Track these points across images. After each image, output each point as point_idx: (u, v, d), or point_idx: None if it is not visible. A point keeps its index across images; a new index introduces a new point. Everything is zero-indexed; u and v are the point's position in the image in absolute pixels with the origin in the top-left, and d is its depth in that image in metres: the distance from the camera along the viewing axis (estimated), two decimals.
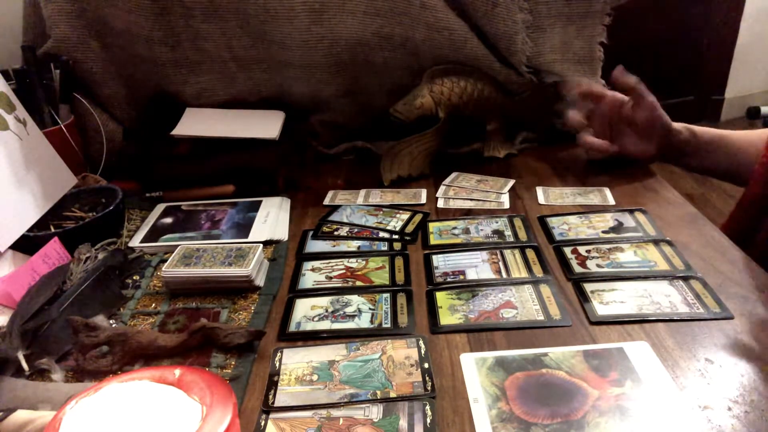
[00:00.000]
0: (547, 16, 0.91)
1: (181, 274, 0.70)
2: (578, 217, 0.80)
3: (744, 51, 2.94)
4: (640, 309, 0.61)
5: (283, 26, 0.92)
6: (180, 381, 0.44)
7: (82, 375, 0.59)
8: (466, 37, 0.92)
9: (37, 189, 0.81)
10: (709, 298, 0.62)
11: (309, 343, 0.61)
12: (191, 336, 0.60)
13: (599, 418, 0.49)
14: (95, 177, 0.94)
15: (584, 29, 0.92)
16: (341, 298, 0.67)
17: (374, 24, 0.91)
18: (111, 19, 0.93)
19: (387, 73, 0.99)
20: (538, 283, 0.67)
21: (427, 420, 0.50)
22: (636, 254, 0.71)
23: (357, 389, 0.54)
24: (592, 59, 0.94)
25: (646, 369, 0.54)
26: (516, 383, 0.53)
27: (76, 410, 0.41)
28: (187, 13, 0.92)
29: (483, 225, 0.80)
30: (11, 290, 0.67)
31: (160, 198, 0.94)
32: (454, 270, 0.71)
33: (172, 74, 0.99)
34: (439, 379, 0.55)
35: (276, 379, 0.56)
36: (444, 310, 0.64)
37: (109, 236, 0.81)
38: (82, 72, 0.97)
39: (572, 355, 0.56)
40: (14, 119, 0.82)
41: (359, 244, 0.78)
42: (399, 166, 0.95)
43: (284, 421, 0.51)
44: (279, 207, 0.89)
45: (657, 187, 0.87)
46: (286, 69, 0.98)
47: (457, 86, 0.94)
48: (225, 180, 0.94)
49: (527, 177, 0.94)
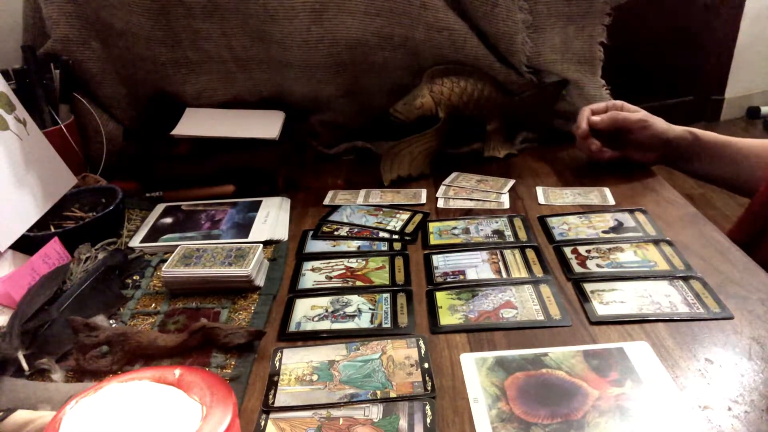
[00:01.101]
0: (547, 16, 0.91)
1: (181, 274, 0.70)
2: (578, 217, 0.80)
3: (744, 51, 2.94)
4: (640, 309, 0.61)
5: (283, 26, 0.92)
6: (180, 381, 0.43)
7: (82, 375, 0.59)
8: (466, 37, 0.92)
9: (37, 189, 0.81)
10: (709, 298, 0.62)
11: (309, 343, 0.61)
12: (191, 336, 0.60)
13: (599, 418, 0.49)
14: (95, 177, 0.94)
15: (584, 29, 0.92)
16: (341, 298, 0.67)
17: (374, 24, 0.91)
18: (111, 19, 0.93)
19: (387, 73, 0.99)
20: (538, 283, 0.67)
21: (427, 420, 0.50)
22: (636, 254, 0.71)
23: (357, 389, 0.54)
24: (592, 59, 0.95)
25: (646, 369, 0.54)
26: (516, 383, 0.53)
27: (76, 410, 0.41)
28: (187, 13, 0.92)
29: (483, 225, 0.80)
30: (11, 290, 0.67)
31: (160, 198, 0.94)
32: (454, 270, 0.71)
33: (172, 74, 0.99)
34: (439, 379, 0.55)
35: (276, 379, 0.56)
36: (444, 310, 0.64)
37: (109, 236, 0.81)
38: (82, 72, 0.97)
39: (572, 355, 0.56)
40: (14, 119, 0.82)
41: (359, 244, 0.78)
42: (399, 166, 0.95)
43: (284, 421, 0.51)
44: (279, 207, 0.89)
45: (657, 187, 0.87)
46: (286, 69, 0.98)
47: (457, 86, 0.94)
48: (225, 180, 0.94)
49: (527, 177, 0.94)
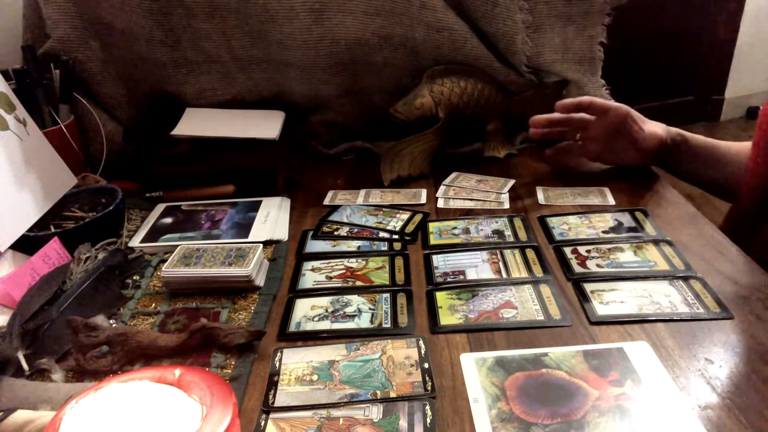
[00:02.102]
0: (547, 16, 0.91)
1: (181, 274, 0.70)
2: (578, 217, 0.80)
3: (744, 51, 2.94)
4: (640, 309, 0.61)
5: (283, 26, 0.92)
6: (180, 381, 0.44)
7: (82, 375, 0.59)
8: (466, 37, 0.92)
9: (37, 189, 0.81)
10: (709, 298, 0.62)
11: (309, 343, 0.61)
12: (191, 336, 0.60)
13: (599, 418, 0.49)
14: (95, 177, 0.94)
15: (584, 29, 0.92)
16: (341, 298, 0.67)
17: (374, 24, 0.91)
18: (111, 19, 0.93)
19: (387, 73, 0.99)
20: (538, 283, 0.67)
21: (427, 420, 0.50)
22: (636, 254, 0.71)
23: (357, 389, 0.54)
24: (592, 59, 0.94)
25: (646, 369, 0.54)
26: (516, 383, 0.53)
27: (76, 410, 0.41)
28: (187, 13, 0.92)
29: (483, 225, 0.80)
30: (11, 290, 0.67)
31: (160, 198, 0.94)
32: (454, 270, 0.71)
33: (172, 74, 0.99)
34: (439, 379, 0.55)
35: (276, 379, 0.56)
36: (444, 310, 0.64)
37: (109, 236, 0.81)
38: (82, 72, 0.97)
39: (572, 355, 0.56)
40: (14, 119, 0.82)
41: (359, 244, 0.78)
42: (399, 166, 0.95)
43: (284, 421, 0.51)
44: (279, 207, 0.89)
45: (657, 187, 0.87)
46: (286, 69, 0.98)
47: (457, 86, 0.94)
48: (225, 180, 0.94)
49: (527, 177, 0.94)
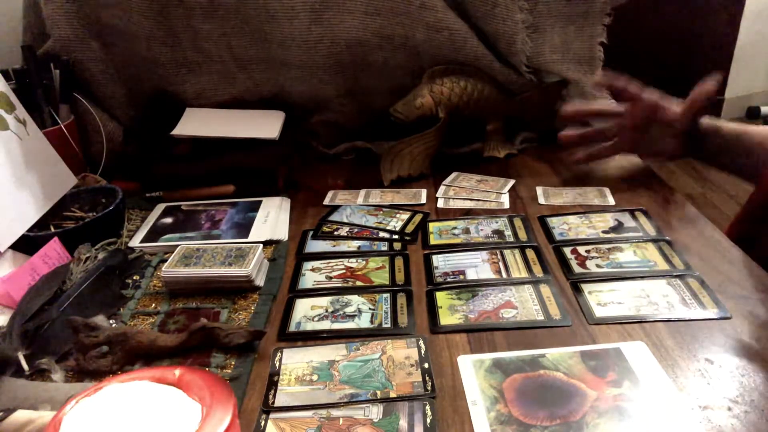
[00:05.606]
0: (547, 16, 0.91)
1: (181, 274, 0.70)
2: (578, 217, 0.80)
3: (744, 51, 2.94)
4: (638, 309, 0.61)
5: (283, 26, 0.92)
6: (180, 381, 0.44)
7: (82, 375, 0.59)
8: (466, 37, 0.92)
9: (37, 189, 0.81)
10: (707, 298, 0.62)
11: (309, 343, 0.61)
12: (191, 336, 0.60)
13: (598, 419, 0.49)
14: (95, 177, 0.94)
15: (584, 29, 0.92)
16: (341, 298, 0.67)
17: (374, 24, 0.91)
18: (111, 19, 0.93)
19: (387, 73, 0.99)
20: (538, 283, 0.67)
21: (427, 420, 0.50)
22: (636, 254, 0.71)
23: (357, 389, 0.54)
24: (592, 59, 0.94)
25: (644, 369, 0.54)
26: (514, 385, 0.53)
27: (76, 410, 0.41)
28: (187, 13, 0.92)
29: (483, 225, 0.80)
30: (11, 290, 0.67)
31: (160, 198, 0.94)
32: (454, 270, 0.71)
33: (172, 74, 0.99)
34: (439, 379, 0.55)
35: (276, 379, 0.56)
36: (444, 310, 0.64)
37: (109, 236, 0.81)
38: (82, 72, 0.97)
39: (569, 356, 0.56)
40: (14, 119, 0.82)
41: (359, 244, 0.78)
42: (399, 166, 0.95)
43: (284, 421, 0.51)
44: (279, 207, 0.89)
45: (657, 187, 0.87)
46: (286, 69, 0.98)
47: (457, 86, 0.94)
48: (225, 180, 0.94)
49: (527, 177, 0.94)
